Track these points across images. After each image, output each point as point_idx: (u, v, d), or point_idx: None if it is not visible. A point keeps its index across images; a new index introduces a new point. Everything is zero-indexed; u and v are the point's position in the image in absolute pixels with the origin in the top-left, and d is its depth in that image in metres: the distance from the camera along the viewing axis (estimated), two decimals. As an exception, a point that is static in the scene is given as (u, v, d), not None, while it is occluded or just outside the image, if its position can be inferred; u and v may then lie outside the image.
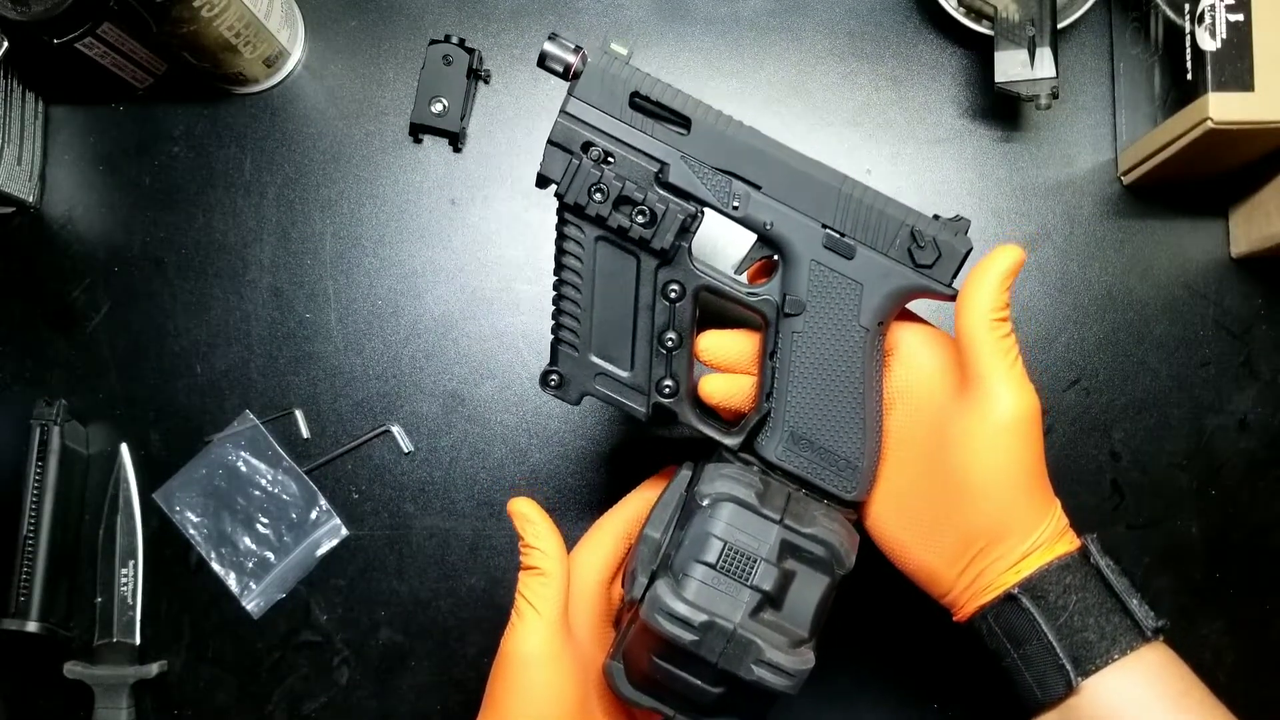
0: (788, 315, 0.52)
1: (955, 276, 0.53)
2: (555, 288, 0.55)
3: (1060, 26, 0.67)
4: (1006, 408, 0.50)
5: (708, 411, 0.56)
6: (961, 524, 0.51)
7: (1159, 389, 0.71)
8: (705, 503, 0.50)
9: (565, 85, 0.53)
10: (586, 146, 0.52)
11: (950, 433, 0.52)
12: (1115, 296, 0.72)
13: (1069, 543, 0.52)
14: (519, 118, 0.73)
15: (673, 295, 0.53)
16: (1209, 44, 0.61)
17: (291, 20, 0.73)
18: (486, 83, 0.73)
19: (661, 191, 0.52)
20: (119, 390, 0.72)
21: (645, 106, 0.52)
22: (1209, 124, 0.60)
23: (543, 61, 0.53)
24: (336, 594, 0.70)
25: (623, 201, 0.51)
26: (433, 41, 0.71)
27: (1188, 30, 0.62)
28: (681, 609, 0.47)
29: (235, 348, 0.72)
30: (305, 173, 0.73)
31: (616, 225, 0.52)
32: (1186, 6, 0.63)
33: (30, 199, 0.72)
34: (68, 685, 0.69)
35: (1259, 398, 0.71)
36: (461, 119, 0.72)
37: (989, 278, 0.50)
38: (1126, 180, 0.72)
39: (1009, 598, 0.50)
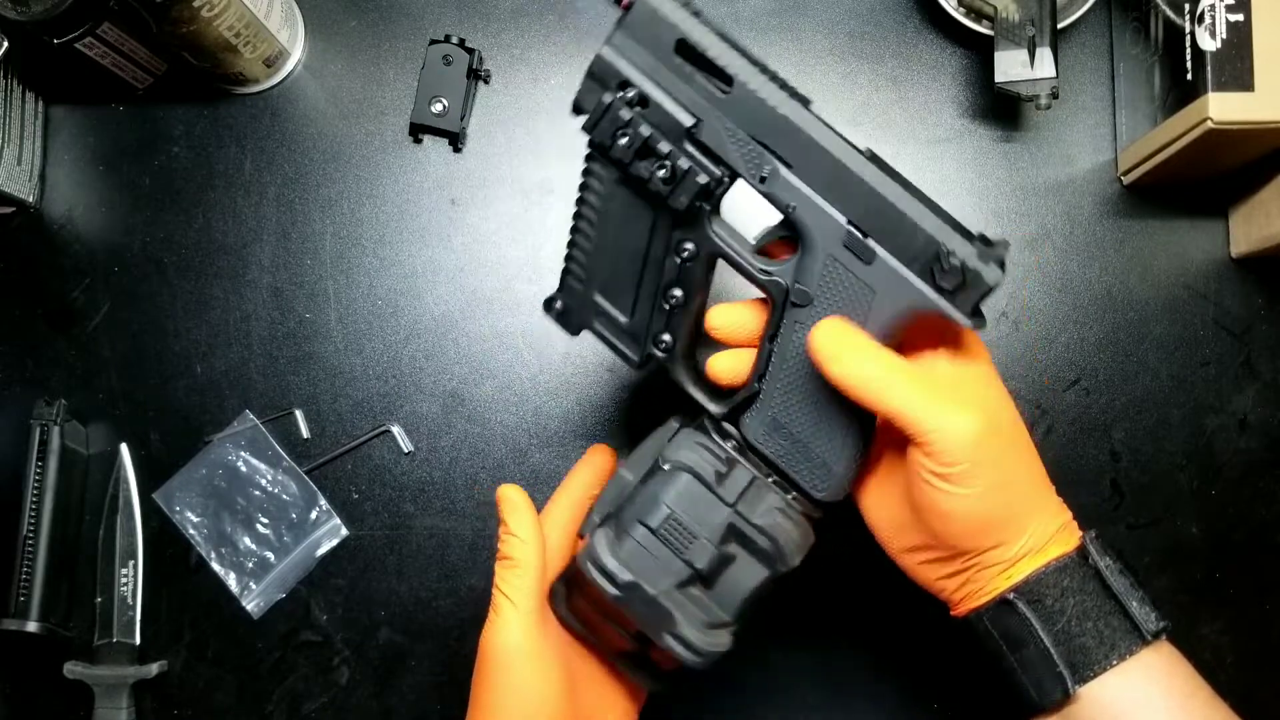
0: (794, 304, 0.49)
1: (976, 312, 0.47)
2: (573, 218, 0.53)
3: (1060, 26, 0.67)
4: (943, 456, 0.46)
5: (701, 375, 0.55)
6: (945, 538, 0.49)
7: (1159, 389, 0.71)
8: (666, 467, 0.51)
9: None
10: (624, 85, 0.48)
11: (912, 475, 0.49)
12: (1115, 296, 0.72)
13: (1067, 543, 0.50)
14: (519, 118, 0.73)
15: (684, 255, 0.51)
16: (1209, 44, 0.61)
17: (291, 20, 0.73)
18: (486, 83, 0.73)
19: (690, 148, 0.49)
20: (119, 390, 0.72)
21: (689, 58, 0.48)
22: (1209, 124, 0.60)
23: None
24: (336, 594, 0.70)
25: (646, 152, 0.48)
26: (433, 41, 0.71)
27: (1188, 30, 0.62)
28: (611, 564, 0.48)
29: (235, 348, 0.72)
30: (305, 173, 0.73)
31: (636, 175, 0.49)
32: (1186, 6, 0.63)
33: (30, 199, 0.72)
34: (68, 685, 0.69)
35: (1259, 398, 0.71)
36: (461, 119, 0.72)
37: (831, 369, 0.47)
38: (1126, 180, 0.72)
39: (1004, 601, 0.49)
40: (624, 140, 0.48)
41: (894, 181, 0.47)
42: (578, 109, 0.50)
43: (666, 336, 0.53)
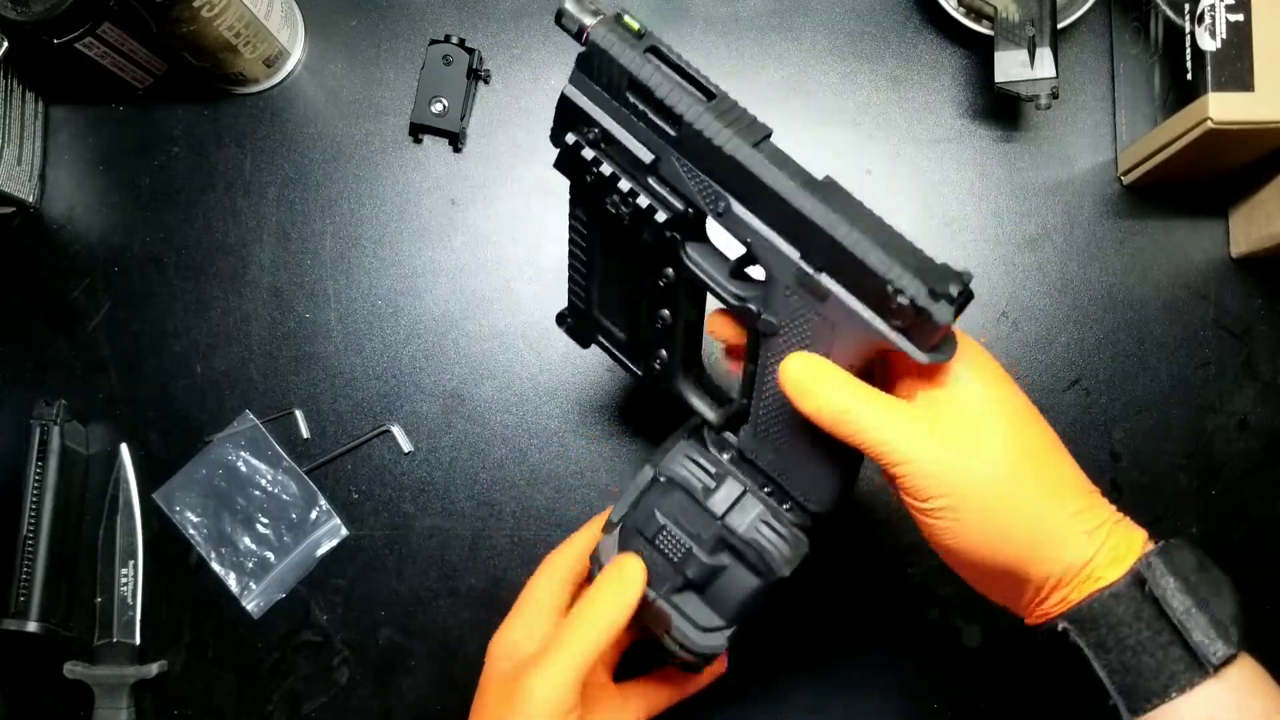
0: (763, 334, 0.49)
1: (932, 347, 0.44)
2: (568, 243, 0.54)
3: (1060, 26, 0.67)
4: (911, 483, 0.45)
5: (702, 385, 0.56)
6: (960, 572, 0.48)
7: (1159, 389, 0.71)
8: (663, 479, 0.54)
9: (563, 83, 0.51)
10: (589, 122, 0.49)
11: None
12: (1115, 296, 0.71)
13: (1122, 560, 0.45)
14: (519, 118, 0.73)
15: (665, 281, 0.51)
16: (1209, 44, 0.61)
17: (291, 20, 0.73)
18: (486, 83, 0.73)
19: (654, 183, 0.48)
20: (119, 390, 0.72)
21: (637, 98, 0.47)
22: (1209, 124, 0.60)
23: (559, 19, 0.47)
24: (336, 594, 0.70)
25: (618, 182, 0.49)
26: (433, 41, 0.71)
27: (1188, 30, 0.62)
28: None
29: (235, 348, 0.72)
30: (305, 173, 0.73)
31: (613, 206, 0.50)
32: (1186, 6, 0.63)
33: (30, 199, 0.72)
34: (68, 685, 0.69)
35: (1259, 398, 0.71)
36: (461, 119, 0.72)
37: (802, 404, 0.46)
38: (1126, 180, 0.72)
39: (1059, 628, 0.46)
40: (589, 179, 0.49)
41: (844, 217, 0.44)
42: (554, 144, 0.50)
43: (663, 353, 0.55)
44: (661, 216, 0.48)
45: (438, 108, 0.71)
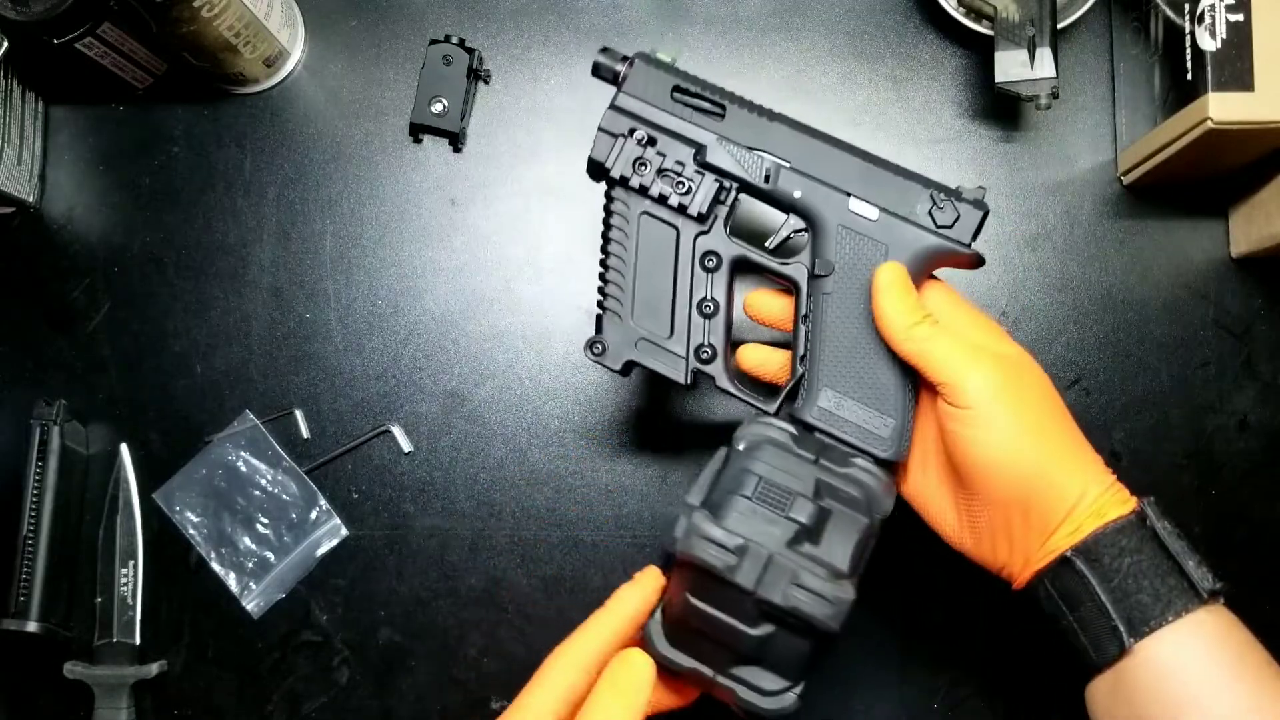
0: (818, 276, 0.55)
1: (975, 236, 0.55)
2: (601, 262, 0.58)
3: (1060, 26, 0.67)
4: (967, 397, 0.50)
5: (744, 379, 0.59)
6: (988, 493, 0.51)
7: (1159, 389, 0.71)
8: (741, 446, 0.52)
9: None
10: (632, 131, 0.57)
11: (944, 429, 0.53)
12: (1115, 296, 0.72)
13: (1125, 505, 0.51)
14: (519, 118, 0.73)
15: (710, 265, 0.57)
16: (1209, 44, 0.61)
17: (291, 20, 0.73)
18: (486, 83, 0.73)
19: (699, 168, 0.57)
20: (119, 390, 0.72)
21: (685, 98, 0.57)
22: (1209, 124, 0.60)
23: (596, 71, 0.59)
24: (336, 594, 0.70)
25: (663, 173, 0.57)
26: (433, 41, 0.71)
27: (1188, 30, 0.62)
28: (718, 533, 0.48)
29: (235, 348, 0.72)
30: (305, 173, 0.73)
31: (658, 193, 0.57)
32: (1186, 6, 0.63)
33: (30, 199, 0.72)
34: (68, 685, 0.69)
35: (1259, 398, 0.71)
36: (461, 119, 0.72)
37: (882, 298, 0.53)
38: (1126, 180, 0.72)
39: (1064, 560, 0.50)
40: (643, 168, 0.57)
41: (877, 155, 0.56)
42: (593, 168, 0.58)
43: (711, 343, 0.57)
44: (713, 186, 0.57)
45: (438, 108, 0.71)
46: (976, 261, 0.56)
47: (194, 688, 0.70)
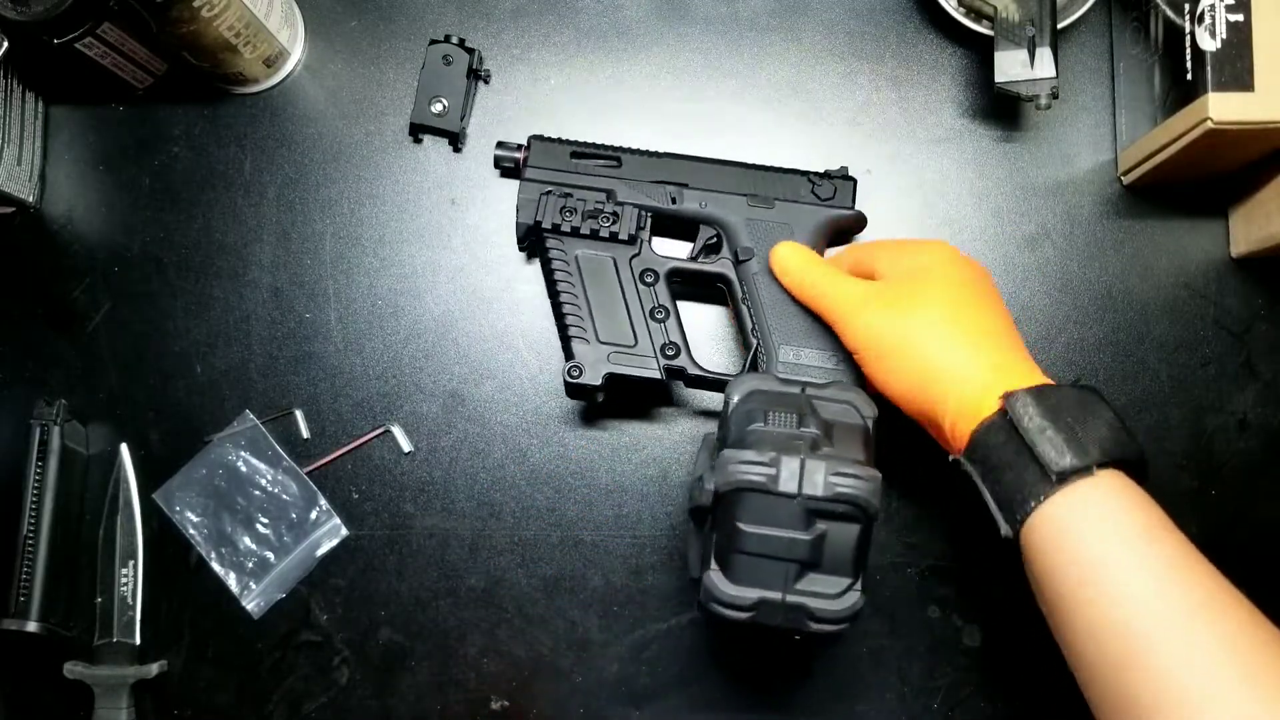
0: (742, 262, 0.66)
1: (854, 200, 0.67)
2: (553, 300, 0.66)
3: (1060, 26, 0.67)
4: (854, 342, 0.59)
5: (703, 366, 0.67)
6: (897, 404, 0.58)
7: (1159, 389, 0.71)
8: (736, 398, 0.58)
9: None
10: (549, 193, 0.67)
11: None
12: (1115, 296, 0.72)
13: (996, 403, 0.52)
14: (519, 118, 0.73)
15: (649, 280, 0.66)
16: (1209, 44, 0.61)
17: (291, 20, 0.73)
18: (486, 83, 0.73)
19: (615, 206, 0.67)
20: (119, 390, 0.72)
21: (583, 161, 0.68)
22: (1209, 124, 0.60)
23: (498, 164, 0.70)
24: (336, 594, 0.70)
25: (588, 215, 0.67)
26: (433, 41, 0.71)
27: (1188, 30, 0.62)
28: (750, 455, 0.53)
29: (235, 348, 0.72)
30: (305, 173, 0.73)
31: (590, 230, 0.66)
32: (1186, 6, 0.63)
33: (30, 199, 0.72)
34: (68, 685, 0.69)
35: (1259, 398, 0.71)
36: (461, 119, 0.72)
37: (776, 268, 0.64)
38: (1126, 180, 0.72)
39: (959, 462, 0.54)
40: (570, 215, 0.67)
41: (757, 164, 0.68)
42: (524, 228, 0.67)
43: (673, 341, 0.66)
44: (631, 215, 0.67)
45: (438, 108, 0.71)
46: (860, 220, 0.67)
47: (194, 688, 0.70)
